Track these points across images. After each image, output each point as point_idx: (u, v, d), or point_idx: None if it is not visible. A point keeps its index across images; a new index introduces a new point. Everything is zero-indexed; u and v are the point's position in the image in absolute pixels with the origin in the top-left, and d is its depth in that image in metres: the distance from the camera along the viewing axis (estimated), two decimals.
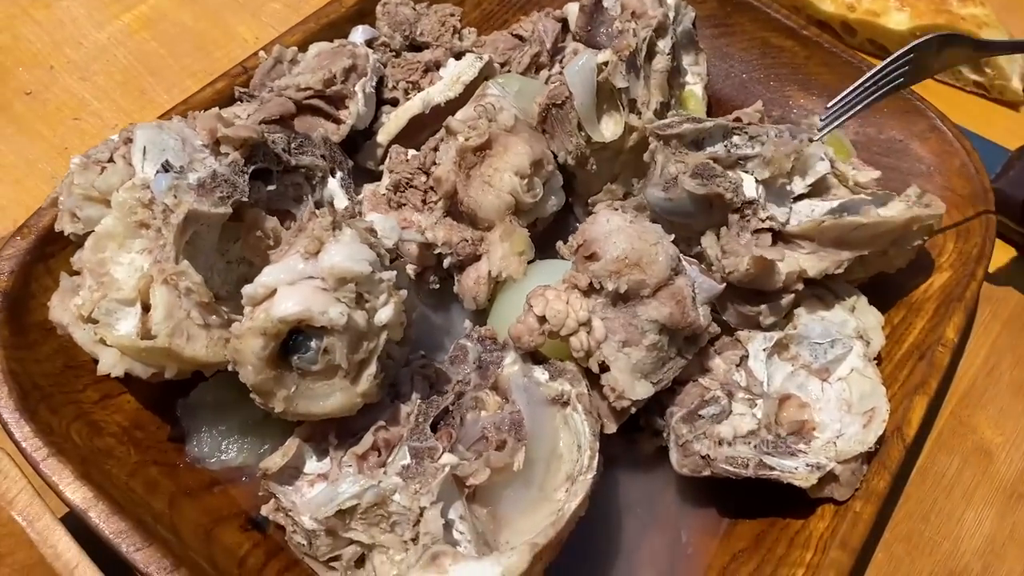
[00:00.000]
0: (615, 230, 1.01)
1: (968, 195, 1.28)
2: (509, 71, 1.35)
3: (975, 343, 1.31)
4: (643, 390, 1.00)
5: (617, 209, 1.06)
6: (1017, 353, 1.32)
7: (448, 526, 0.90)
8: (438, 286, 1.18)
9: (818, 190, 1.16)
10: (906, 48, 1.11)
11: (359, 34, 1.32)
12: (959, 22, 1.61)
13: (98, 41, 1.55)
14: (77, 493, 0.90)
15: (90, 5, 1.61)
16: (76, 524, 0.90)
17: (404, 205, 1.17)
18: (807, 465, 1.00)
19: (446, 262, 1.15)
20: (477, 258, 1.14)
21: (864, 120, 1.40)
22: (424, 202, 1.16)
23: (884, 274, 1.20)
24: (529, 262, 1.14)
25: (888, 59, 1.11)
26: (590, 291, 1.01)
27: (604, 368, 1.00)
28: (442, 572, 0.84)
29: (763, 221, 1.10)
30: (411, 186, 1.16)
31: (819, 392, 1.09)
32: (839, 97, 1.12)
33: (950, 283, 1.20)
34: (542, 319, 0.99)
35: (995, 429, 1.25)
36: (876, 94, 1.12)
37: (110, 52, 1.54)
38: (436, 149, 1.16)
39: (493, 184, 1.11)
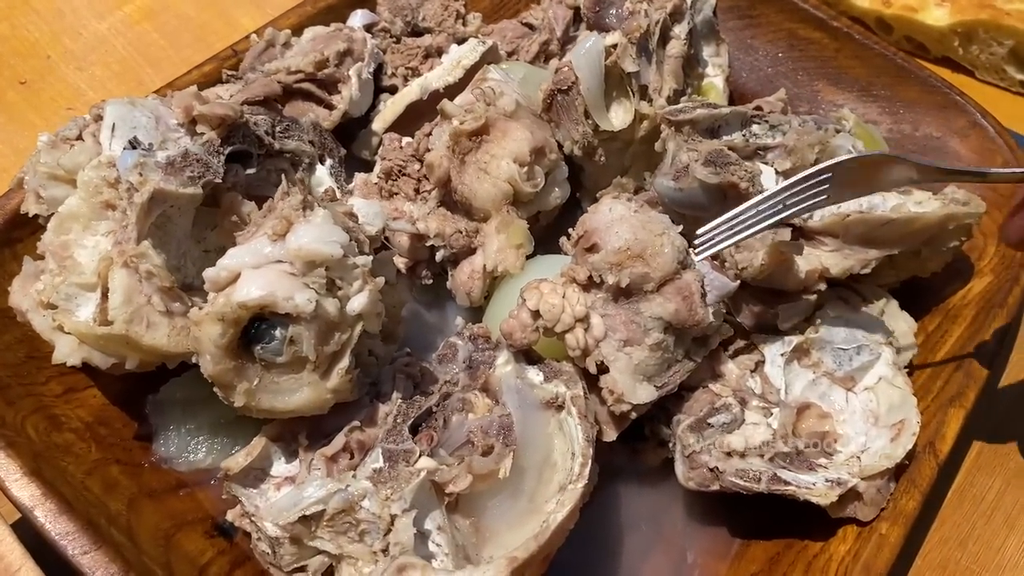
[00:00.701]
0: (617, 219, 0.93)
1: (1011, 195, 1.17)
2: (517, 60, 1.27)
3: (1019, 354, 1.20)
4: (645, 394, 0.91)
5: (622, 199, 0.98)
6: None
7: (423, 537, 0.82)
8: (431, 281, 1.11)
9: None
10: (821, 167, 0.89)
11: (358, 18, 1.26)
12: (1003, 18, 1.51)
13: (98, 31, 1.51)
14: (24, 490, 0.84)
15: None
16: (29, 529, 0.84)
17: (396, 194, 1.09)
18: (826, 480, 0.91)
19: (439, 255, 1.07)
20: (472, 251, 1.06)
21: (898, 116, 1.31)
22: (417, 191, 1.09)
23: (918, 278, 1.11)
24: (529, 257, 1.06)
25: (798, 176, 0.89)
26: (589, 285, 0.93)
27: (603, 369, 0.91)
28: None
29: None
30: (404, 174, 1.09)
31: (843, 402, 1.00)
32: (717, 220, 0.92)
33: (991, 288, 1.12)
34: (536, 314, 0.91)
35: None
36: (769, 220, 0.91)
37: (109, 43, 1.50)
38: (430, 135, 1.09)
39: (489, 171, 1.03)
